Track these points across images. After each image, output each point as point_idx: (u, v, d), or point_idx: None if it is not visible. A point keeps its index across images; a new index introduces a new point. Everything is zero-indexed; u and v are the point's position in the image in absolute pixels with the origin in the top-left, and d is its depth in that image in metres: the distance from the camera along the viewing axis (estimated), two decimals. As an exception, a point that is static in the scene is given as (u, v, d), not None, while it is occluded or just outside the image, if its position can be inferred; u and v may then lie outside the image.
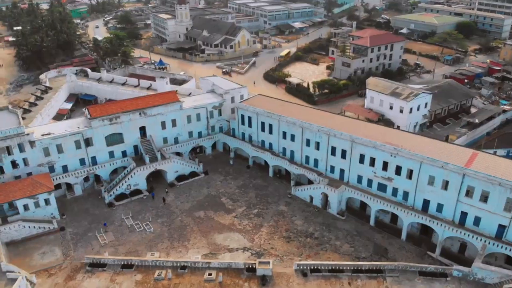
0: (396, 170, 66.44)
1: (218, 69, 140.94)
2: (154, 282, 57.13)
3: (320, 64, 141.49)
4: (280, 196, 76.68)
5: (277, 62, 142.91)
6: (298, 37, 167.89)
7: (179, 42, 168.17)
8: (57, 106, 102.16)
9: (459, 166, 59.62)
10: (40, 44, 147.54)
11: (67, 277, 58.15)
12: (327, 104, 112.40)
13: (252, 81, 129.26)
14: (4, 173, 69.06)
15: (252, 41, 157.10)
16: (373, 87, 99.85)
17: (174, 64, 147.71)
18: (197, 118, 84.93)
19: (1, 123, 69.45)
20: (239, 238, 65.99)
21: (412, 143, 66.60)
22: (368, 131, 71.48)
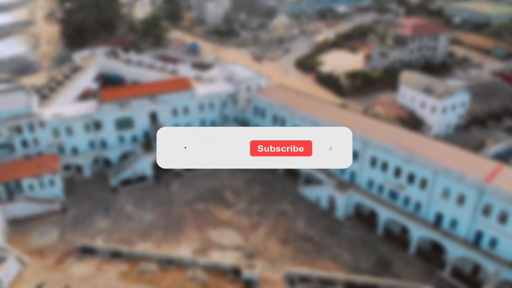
0: (409, 178, 60.44)
1: (251, 54, 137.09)
2: (138, 275, 56.44)
3: (359, 52, 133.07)
4: (286, 194, 72.97)
5: (313, 49, 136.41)
6: (340, 23, 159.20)
7: (216, 25, 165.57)
8: (83, 85, 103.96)
9: (477, 180, 52.82)
10: (83, 22, 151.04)
11: (58, 260, 58.99)
12: (357, 97, 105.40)
13: (283, 68, 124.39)
14: (15, 152, 70.88)
15: (289, 25, 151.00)
16: (406, 81, 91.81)
17: (208, 48, 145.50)
18: (210, 107, 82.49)
19: (15, 103, 71.00)
20: (233, 236, 63.55)
21: (429, 150, 60.10)
22: (383, 132, 65.53)
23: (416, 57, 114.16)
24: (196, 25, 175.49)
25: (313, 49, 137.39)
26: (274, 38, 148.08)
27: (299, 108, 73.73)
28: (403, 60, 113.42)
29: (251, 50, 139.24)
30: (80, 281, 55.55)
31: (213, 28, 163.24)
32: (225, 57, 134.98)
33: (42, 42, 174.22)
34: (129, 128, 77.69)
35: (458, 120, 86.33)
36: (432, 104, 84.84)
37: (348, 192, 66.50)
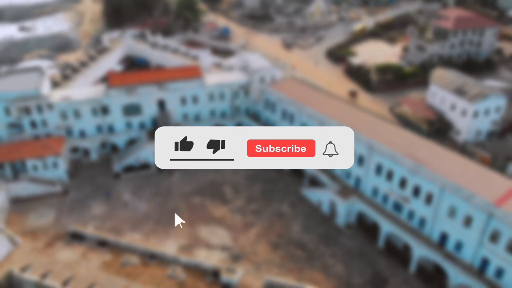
0: (414, 190, 54.81)
1: (282, 41, 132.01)
2: (119, 266, 55.99)
3: (398, 44, 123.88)
4: (287, 194, 69.39)
5: (348, 38, 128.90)
6: (383, 10, 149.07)
7: (253, 9, 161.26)
8: (106, 67, 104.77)
9: (486, 202, 46.53)
10: (121, 2, 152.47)
11: (47, 244, 59.88)
12: (386, 93, 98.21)
13: (313, 57, 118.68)
14: (24, 132, 72.51)
15: (327, 11, 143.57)
16: (438, 80, 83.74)
17: (241, 33, 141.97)
18: (220, 97, 79.82)
19: (26, 84, 72.24)
20: (223, 235, 61.33)
21: (440, 162, 54.00)
22: (393, 138, 59.80)
23: (457, 52, 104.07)
24: (234, 9, 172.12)
25: (348, 38, 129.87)
26: (309, 24, 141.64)
27: (308, 105, 69.17)
28: (443, 56, 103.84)
29: (283, 37, 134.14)
30: (63, 267, 55.98)
31: (249, 12, 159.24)
32: (255, 43, 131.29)
33: (85, 21, 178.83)
34: (137, 115, 77.08)
35: (492, 126, 77.55)
36: (463, 107, 76.75)
37: (350, 199, 61.80)
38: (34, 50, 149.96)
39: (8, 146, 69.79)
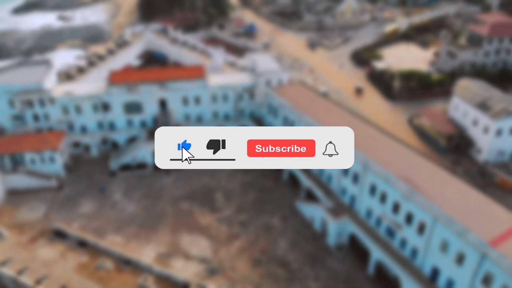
0: (407, 217, 49.68)
1: (307, 41, 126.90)
2: (94, 269, 55.12)
3: (431, 48, 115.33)
4: (281, 206, 65.75)
5: (378, 40, 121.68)
6: (421, 11, 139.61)
7: (283, 6, 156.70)
8: (124, 62, 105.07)
9: (480, 240, 40.91)
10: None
11: (31, 239, 60.16)
12: (408, 101, 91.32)
13: (336, 59, 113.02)
14: (27, 124, 73.53)
15: (359, 11, 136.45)
16: (461, 91, 76.41)
17: (267, 30, 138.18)
18: (223, 99, 77.12)
19: (30, 77, 72.99)
20: (204, 246, 58.87)
21: (438, 187, 48.52)
22: (392, 156, 54.63)
23: (492, 61, 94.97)
24: (266, 5, 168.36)
25: (378, 39, 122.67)
26: (339, 24, 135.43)
27: (309, 113, 64.93)
28: (475, 64, 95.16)
29: (309, 36, 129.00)
30: (41, 265, 55.91)
31: (279, 9, 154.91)
32: (280, 42, 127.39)
33: (121, 12, 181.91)
34: (138, 113, 76.10)
35: (518, 147, 69.70)
36: (485, 124, 69.42)
37: (342, 219, 57.30)
38: (68, 40, 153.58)
39: (8, 138, 71.04)
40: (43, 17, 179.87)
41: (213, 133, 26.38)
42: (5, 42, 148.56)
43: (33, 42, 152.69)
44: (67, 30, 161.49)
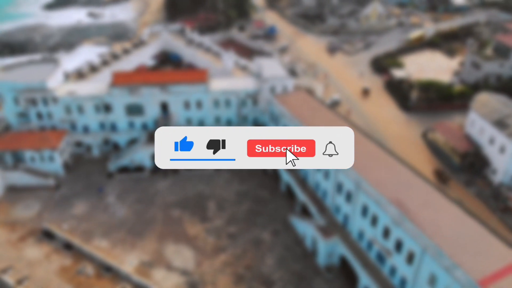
0: (397, 244, 45.93)
1: (327, 45, 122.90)
2: (74, 274, 54.59)
3: (457, 57, 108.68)
4: (274, 220, 63.10)
5: (402, 46, 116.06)
6: (452, 18, 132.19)
7: (307, 8, 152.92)
8: (137, 62, 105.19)
9: (469, 278, 36.90)
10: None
11: (21, 238, 60.48)
12: (424, 114, 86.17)
13: (355, 64, 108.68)
14: (31, 122, 74.38)
15: (384, 15, 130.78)
16: (479, 106, 71.02)
17: (289, 33, 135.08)
18: (226, 104, 75.20)
19: (36, 75, 73.61)
20: (188, 257, 57.14)
21: (432, 214, 44.56)
22: (387, 175, 50.85)
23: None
24: (292, 7, 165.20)
25: (402, 46, 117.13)
26: (363, 28, 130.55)
27: (307, 124, 61.86)
28: (502, 76, 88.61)
29: (330, 40, 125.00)
30: (25, 265, 55.98)
31: (303, 11, 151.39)
32: (300, 45, 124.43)
33: (148, 11, 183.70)
34: (140, 115, 75.44)
35: (538, 170, 63.84)
36: (502, 143, 64.04)
37: (332, 239, 54.03)
38: (94, 37, 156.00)
39: (10, 135, 72.07)
40: (74, 13, 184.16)
41: (213, 133, 26.50)
42: (33, 37, 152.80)
43: (60, 38, 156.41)
44: (94, 27, 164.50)
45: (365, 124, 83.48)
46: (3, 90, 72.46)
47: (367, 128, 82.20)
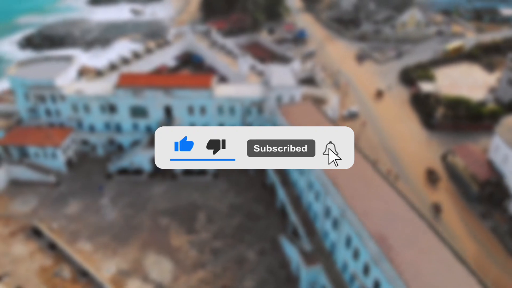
0: (375, 284, 41.35)
1: (357, 52, 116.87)
2: (51, 275, 54.42)
3: (497, 72, 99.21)
4: (262, 238, 59.89)
5: (437, 57, 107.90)
6: (498, 28, 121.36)
7: (343, 12, 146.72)
8: (159, 62, 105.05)
9: None
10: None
11: (11, 233, 61.39)
12: (448, 133, 79.08)
13: (384, 75, 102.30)
14: (40, 118, 75.80)
15: (423, 23, 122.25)
16: (504, 131, 63.77)
17: (320, 37, 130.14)
18: (230, 111, 72.68)
19: (47, 73, 74.70)
20: (166, 270, 55.30)
21: (414, 254, 39.66)
22: (376, 205, 46.14)
23: None
24: (329, 10, 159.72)
25: (437, 57, 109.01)
26: (398, 35, 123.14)
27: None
28: (542, 96, 79.48)
29: (360, 47, 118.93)
30: (9, 261, 56.61)
31: (338, 15, 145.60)
32: (328, 50, 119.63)
33: (187, 10, 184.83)
34: (144, 117, 74.71)
35: None
36: (525, 175, 56.86)
37: (315, 267, 49.97)
38: (131, 33, 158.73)
39: (17, 130, 73.71)
40: (117, 10, 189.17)
41: (213, 133, 26.57)
42: (72, 31, 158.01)
43: (98, 33, 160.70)
44: (131, 24, 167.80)
45: (380, 140, 78.19)
46: (15, 85, 74.34)
47: (381, 144, 77.01)
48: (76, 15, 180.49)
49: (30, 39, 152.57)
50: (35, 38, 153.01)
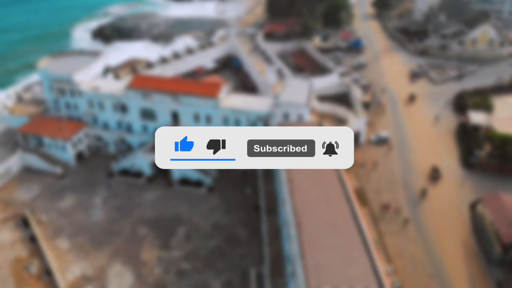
0: None
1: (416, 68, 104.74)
2: (21, 268, 55.54)
3: None
4: (234, 267, 55.31)
5: (505, 82, 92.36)
6: None
7: (410, 23, 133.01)
8: (196, 63, 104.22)
9: None
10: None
11: (3, 219, 64.07)
12: (488, 176, 66.71)
13: (435, 98, 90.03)
14: (60, 110, 78.67)
15: (498, 41, 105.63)
16: (547, 187, 51.30)
17: (379, 48, 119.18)
18: (235, 123, 68.71)
19: (69, 67, 76.93)
20: (125, 285, 53.45)
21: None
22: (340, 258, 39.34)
23: None
24: (399, 18, 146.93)
25: (506, 82, 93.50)
26: (467, 53, 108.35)
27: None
28: None
29: (418, 62, 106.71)
30: (-7, 249, 58.97)
31: (405, 25, 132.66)
32: (382, 64, 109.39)
33: (255, 11, 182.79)
34: (152, 120, 73.92)
35: None
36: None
37: (266, 314, 44.46)
38: (195, 31, 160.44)
39: (38, 119, 77.10)
40: (203, 6, 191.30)
41: (213, 133, 26.72)
42: (140, 25, 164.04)
43: (164, 28, 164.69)
44: (197, 21, 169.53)
45: (403, 174, 68.61)
46: (42, 77, 77.91)
47: (402, 179, 67.41)
48: (150, 9, 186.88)
49: (102, 29, 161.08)
50: (106, 29, 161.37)
